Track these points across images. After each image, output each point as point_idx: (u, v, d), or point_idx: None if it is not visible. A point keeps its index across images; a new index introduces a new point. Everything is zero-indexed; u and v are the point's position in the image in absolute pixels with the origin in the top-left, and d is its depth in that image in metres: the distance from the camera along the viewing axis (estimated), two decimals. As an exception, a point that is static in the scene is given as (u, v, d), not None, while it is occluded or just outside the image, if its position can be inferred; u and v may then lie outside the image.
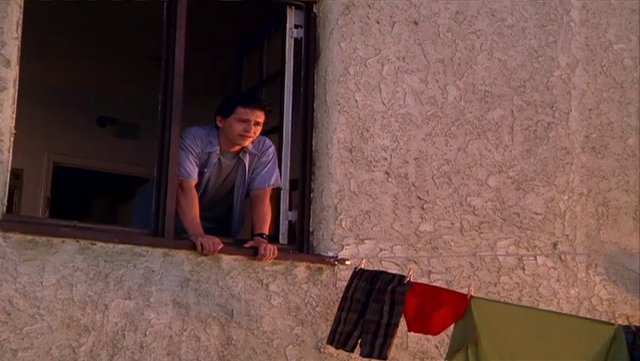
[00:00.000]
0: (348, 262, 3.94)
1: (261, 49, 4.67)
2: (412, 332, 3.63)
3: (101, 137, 7.05)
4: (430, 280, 4.06)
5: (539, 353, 3.37)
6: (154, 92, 3.95)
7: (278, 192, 4.15)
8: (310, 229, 4.03)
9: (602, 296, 4.46)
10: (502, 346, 3.38)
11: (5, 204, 3.52)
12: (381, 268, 3.85)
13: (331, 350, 3.78)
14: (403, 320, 3.52)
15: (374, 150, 4.10)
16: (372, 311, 3.55)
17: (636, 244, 4.54)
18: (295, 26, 4.19)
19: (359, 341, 3.56)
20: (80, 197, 7.61)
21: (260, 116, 3.98)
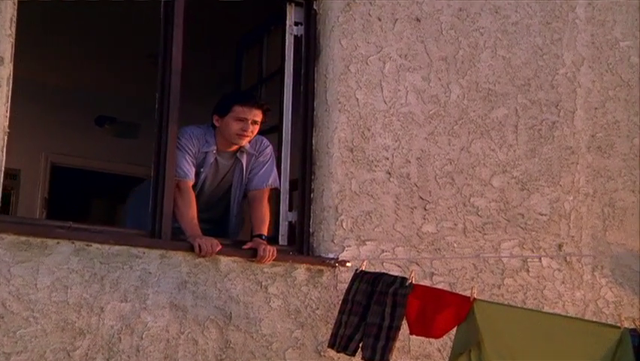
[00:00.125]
0: (349, 264, 3.94)
1: (261, 47, 4.67)
2: (414, 335, 3.61)
3: (100, 136, 7.06)
4: (433, 282, 4.07)
5: (544, 357, 3.34)
6: (153, 91, 3.95)
7: (277, 192, 4.15)
8: (310, 230, 4.02)
9: (608, 299, 4.48)
10: (506, 350, 3.36)
11: (-1, 205, 3.52)
12: (383, 270, 3.85)
13: (332, 353, 3.77)
14: (405, 322, 3.51)
15: (375, 150, 4.09)
16: (373, 314, 3.54)
17: (643, 246, 4.58)
18: (295, 23, 4.18)
19: (360, 345, 3.55)
20: (79, 198, 7.62)
21: (257, 115, 3.98)
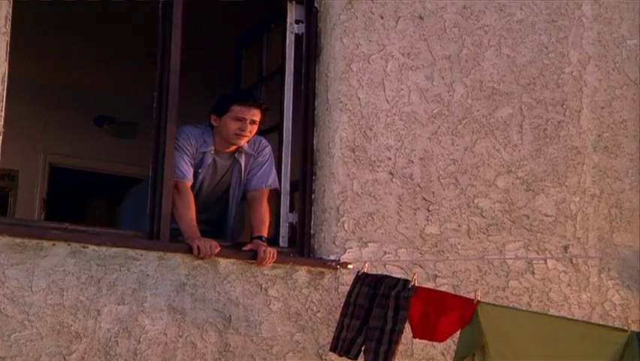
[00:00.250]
0: (350, 266, 3.93)
1: (261, 45, 4.65)
2: (417, 339, 3.58)
3: (99, 136, 7.05)
4: (436, 284, 4.06)
5: (549, 361, 3.33)
6: (152, 90, 3.94)
7: (277, 193, 4.13)
8: (311, 232, 4.01)
9: (615, 301, 4.46)
10: (511, 353, 3.33)
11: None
12: (385, 272, 3.84)
13: (333, 357, 3.75)
14: (407, 326, 3.48)
15: (378, 150, 4.08)
16: (375, 317, 3.52)
17: (650, 247, 4.59)
18: (296, 21, 4.16)
19: (363, 349, 3.53)
20: (77, 198, 7.62)
21: (256, 115, 3.97)
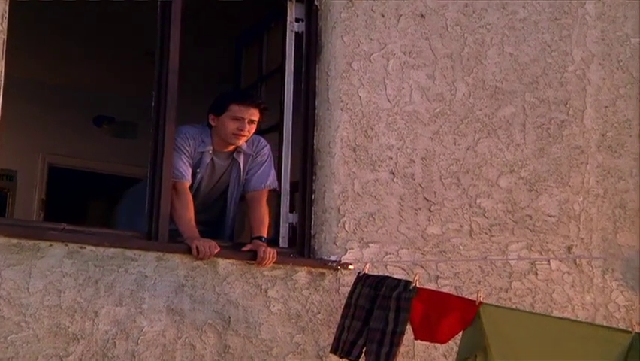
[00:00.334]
0: (351, 267, 3.91)
1: (261, 44, 4.64)
2: (419, 341, 3.56)
3: (98, 136, 7.05)
4: (438, 285, 4.05)
5: (552, 363, 3.31)
6: (152, 90, 3.93)
7: (277, 193, 4.12)
8: (312, 232, 3.99)
9: (619, 303, 4.44)
10: (513, 355, 3.29)
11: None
12: (387, 273, 3.82)
13: (334, 359, 3.72)
14: (409, 327, 3.46)
15: (379, 149, 4.06)
16: (376, 319, 3.50)
17: (655, 248, 4.59)
18: (296, 20, 4.14)
19: (363, 350, 3.51)
20: (76, 199, 7.61)
21: (254, 114, 3.95)
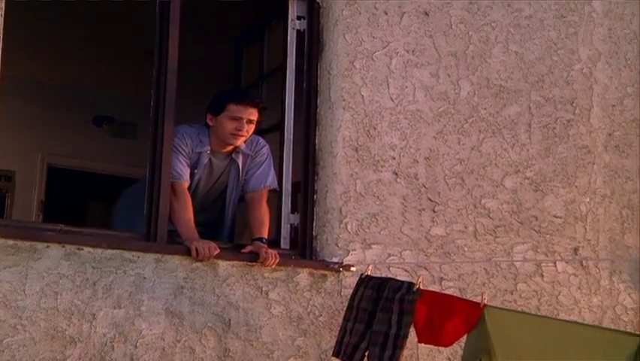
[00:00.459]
0: (353, 269, 3.89)
1: (261, 42, 4.61)
2: (423, 344, 3.52)
3: (98, 137, 7.05)
4: (442, 287, 4.03)
5: (558, 367, 3.28)
6: (151, 89, 3.92)
7: (279, 194, 4.09)
8: (313, 233, 3.98)
9: (626, 305, 4.43)
10: (518, 359, 3.25)
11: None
12: (390, 275, 3.79)
13: None
14: (412, 330, 3.43)
15: (382, 149, 4.04)
16: (379, 321, 3.47)
17: (663, 249, 4.58)
18: (297, 17, 4.12)
19: (366, 354, 3.48)
20: (76, 200, 7.61)
21: (253, 114, 3.92)
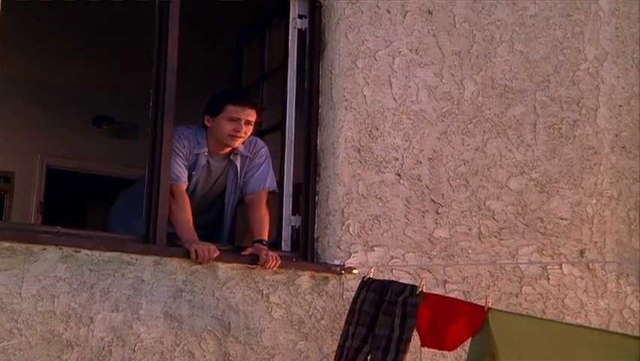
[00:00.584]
0: (355, 271, 3.86)
1: (262, 41, 4.60)
2: (426, 348, 3.49)
3: (97, 137, 7.04)
4: (446, 290, 4.00)
5: (563, 371, 3.24)
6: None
7: (279, 195, 4.06)
8: (315, 235, 3.95)
9: (634, 308, 4.41)
10: None
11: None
12: (392, 278, 3.78)
13: None
14: (415, 334, 3.39)
15: (384, 150, 4.01)
16: (382, 325, 3.44)
17: (671, 252, 4.55)
18: (299, 16, 4.10)
19: (369, 358, 3.44)
20: (76, 201, 7.60)
21: (251, 115, 3.90)
